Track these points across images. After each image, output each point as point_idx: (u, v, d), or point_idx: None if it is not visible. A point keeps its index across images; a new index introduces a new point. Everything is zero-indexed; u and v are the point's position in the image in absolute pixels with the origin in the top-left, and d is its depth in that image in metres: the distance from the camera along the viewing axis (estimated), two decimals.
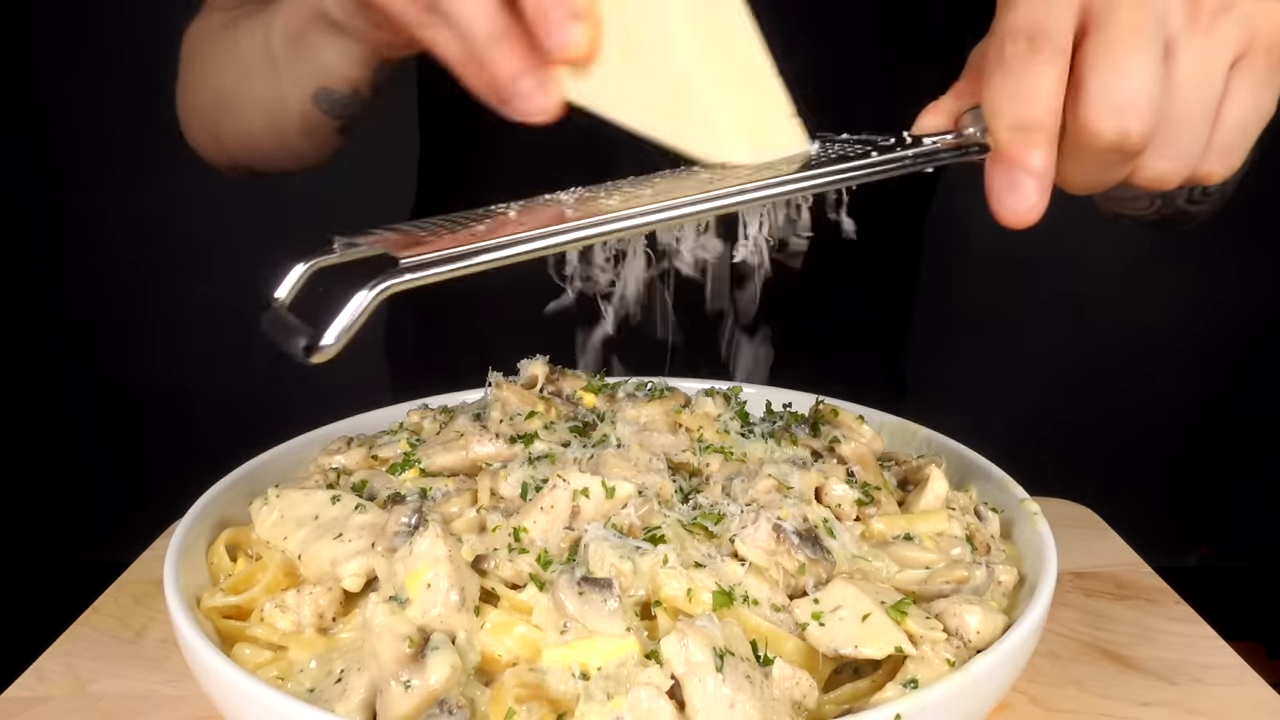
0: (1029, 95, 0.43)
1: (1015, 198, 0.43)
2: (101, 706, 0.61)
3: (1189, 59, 0.43)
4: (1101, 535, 0.83)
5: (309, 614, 0.53)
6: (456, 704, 0.44)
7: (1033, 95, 0.43)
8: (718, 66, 0.43)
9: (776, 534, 0.51)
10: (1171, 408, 2.60)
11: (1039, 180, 0.43)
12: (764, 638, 0.48)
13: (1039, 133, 0.43)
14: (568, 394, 0.71)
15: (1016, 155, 0.43)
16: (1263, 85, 0.45)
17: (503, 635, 0.48)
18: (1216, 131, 0.45)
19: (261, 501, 0.61)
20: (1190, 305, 2.49)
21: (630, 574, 0.49)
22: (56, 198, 2.44)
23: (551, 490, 0.53)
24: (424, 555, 0.49)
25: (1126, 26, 0.42)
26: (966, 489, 0.67)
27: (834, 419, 0.70)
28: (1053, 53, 0.43)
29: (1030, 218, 0.44)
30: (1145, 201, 0.80)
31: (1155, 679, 0.64)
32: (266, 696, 0.44)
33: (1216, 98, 0.44)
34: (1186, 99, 0.44)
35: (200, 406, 2.52)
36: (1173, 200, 0.79)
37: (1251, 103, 0.45)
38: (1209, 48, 0.43)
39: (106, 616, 0.71)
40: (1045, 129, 0.43)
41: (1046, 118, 0.43)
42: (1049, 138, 0.43)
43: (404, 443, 0.67)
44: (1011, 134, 0.43)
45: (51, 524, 2.64)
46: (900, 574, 0.56)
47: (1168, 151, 0.45)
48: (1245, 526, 2.68)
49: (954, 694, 0.45)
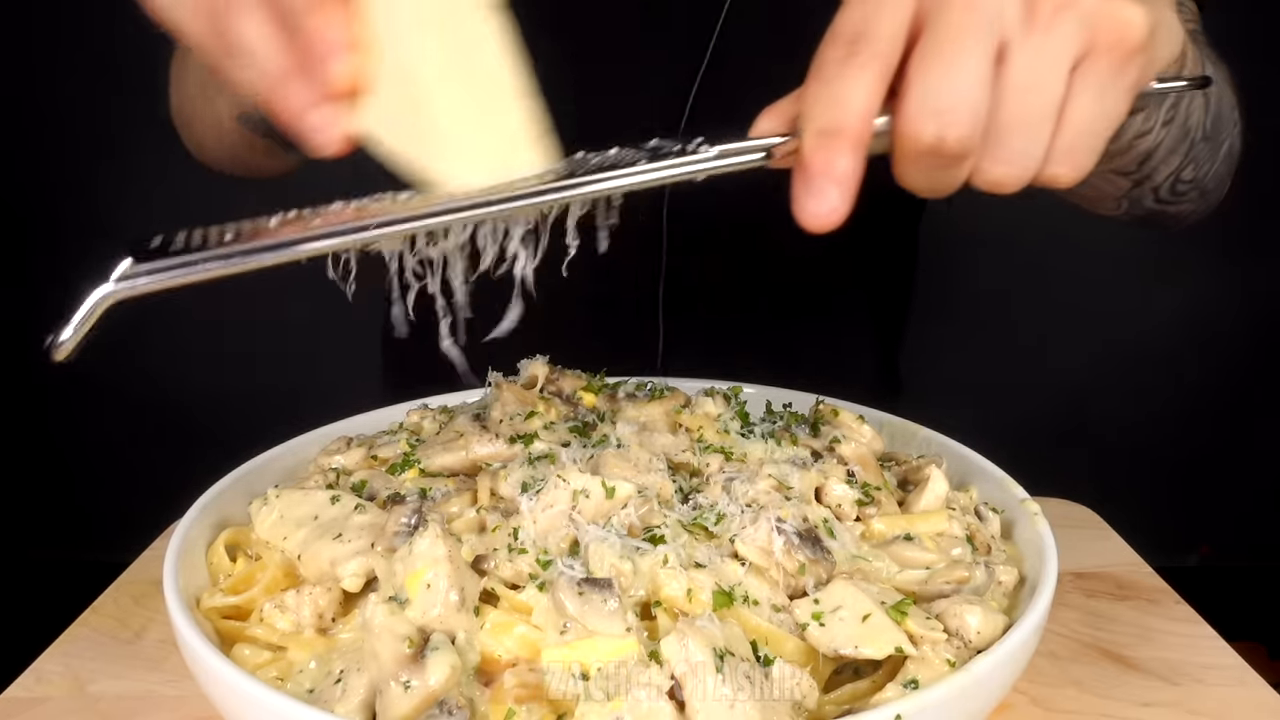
0: (837, 100, 0.42)
1: (814, 201, 0.43)
2: (100, 707, 0.61)
3: (1023, 62, 0.42)
4: (1101, 535, 0.83)
5: (309, 614, 0.53)
6: (456, 704, 0.44)
7: (842, 100, 0.42)
8: (459, 90, 0.44)
9: (776, 534, 0.51)
10: (1172, 408, 2.60)
11: (840, 186, 0.42)
12: (764, 638, 0.48)
13: (842, 138, 0.42)
14: (568, 394, 0.71)
15: (816, 160, 0.42)
16: (1107, 86, 0.44)
17: (502, 635, 0.48)
18: (1060, 134, 0.44)
19: (261, 501, 0.61)
20: (1191, 305, 2.49)
21: (630, 574, 0.49)
22: (56, 197, 2.44)
23: (551, 490, 0.53)
24: (424, 555, 0.49)
25: (954, 29, 0.41)
26: (966, 489, 0.67)
27: (834, 419, 0.70)
28: (870, 57, 0.42)
29: (830, 221, 0.43)
30: (1112, 203, 0.80)
31: (1156, 679, 0.64)
32: (266, 697, 0.44)
33: (1056, 100, 0.43)
34: (1020, 102, 0.43)
35: (200, 406, 2.52)
36: (1140, 201, 0.79)
37: (1096, 105, 0.44)
38: (1045, 50, 0.42)
39: (106, 617, 0.71)
40: (850, 134, 0.42)
41: (853, 123, 0.42)
42: (854, 143, 0.42)
43: (404, 443, 0.67)
44: (816, 139, 0.43)
45: (51, 524, 2.64)
46: (900, 574, 0.56)
47: (1002, 155, 0.44)
48: (1245, 526, 2.67)
49: (954, 694, 0.45)
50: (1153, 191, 0.77)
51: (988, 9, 0.41)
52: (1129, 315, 2.51)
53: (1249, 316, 2.53)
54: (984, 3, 0.41)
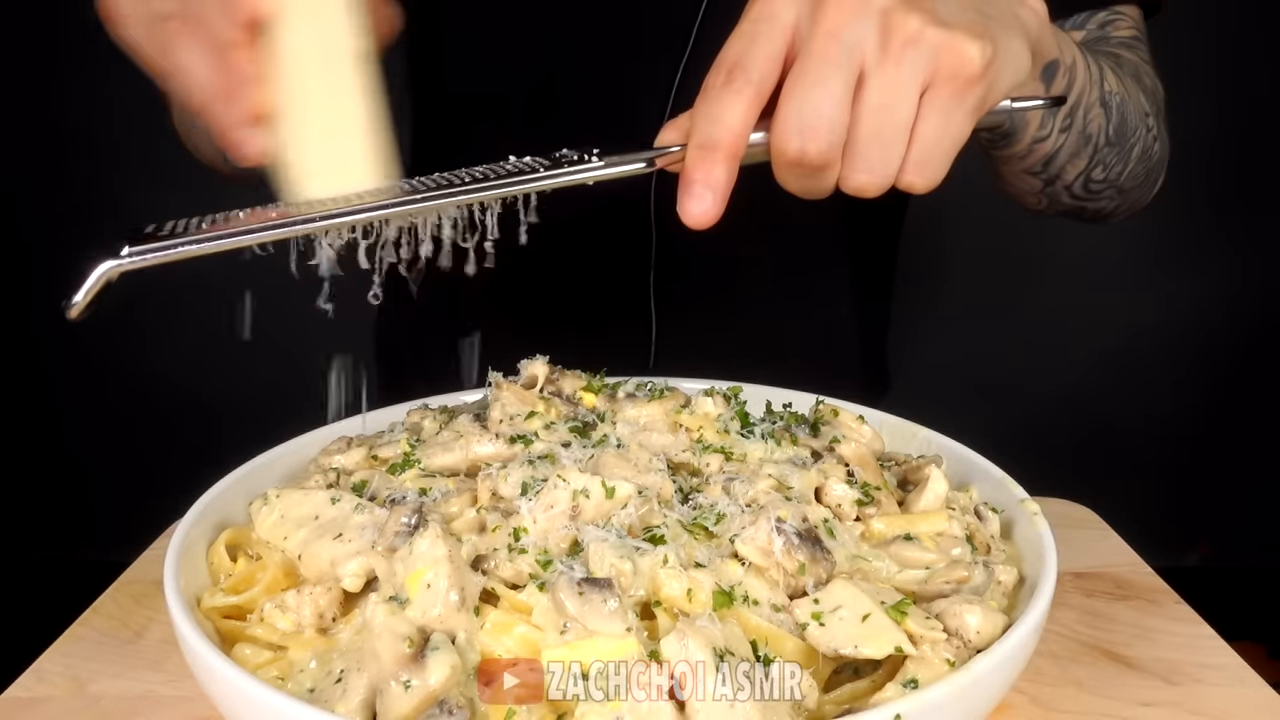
0: (715, 120, 0.50)
1: (691, 202, 0.51)
2: (101, 706, 0.61)
3: (877, 86, 0.49)
4: (1101, 535, 0.83)
5: (309, 614, 0.53)
6: (456, 704, 0.44)
7: (717, 120, 0.50)
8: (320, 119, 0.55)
9: (776, 534, 0.51)
10: (1172, 407, 2.60)
11: (714, 191, 0.50)
12: (764, 638, 0.48)
13: (717, 151, 0.50)
14: (568, 394, 0.71)
15: (695, 170, 0.50)
16: (949, 109, 0.51)
17: (503, 635, 0.48)
18: (911, 149, 0.51)
19: (261, 502, 0.61)
20: (1191, 305, 2.49)
21: (630, 574, 0.49)
22: (57, 197, 2.44)
23: (551, 490, 0.53)
24: (424, 555, 0.49)
25: (817, 58, 0.49)
26: (966, 489, 0.67)
27: (834, 419, 0.70)
28: (743, 84, 0.49)
29: (704, 220, 0.51)
30: (1033, 198, 0.89)
31: (1155, 679, 0.64)
32: (266, 696, 0.44)
33: (907, 120, 0.50)
34: (875, 121, 0.50)
35: (200, 407, 2.52)
36: (1057, 198, 0.87)
37: (941, 125, 0.51)
38: (897, 78, 0.49)
39: (106, 616, 0.71)
40: (724, 149, 0.50)
41: (727, 139, 0.50)
42: (727, 156, 0.50)
43: (404, 443, 0.67)
44: (696, 152, 0.50)
45: (51, 524, 2.64)
46: (900, 574, 0.56)
47: (862, 165, 0.51)
48: (1245, 526, 2.68)
49: (954, 694, 0.45)
50: (1066, 189, 0.86)
51: (847, 41, 0.49)
52: (1129, 315, 2.51)
53: (1249, 316, 2.53)
54: (844, 36, 0.49)
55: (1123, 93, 0.83)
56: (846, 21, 0.49)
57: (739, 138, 0.50)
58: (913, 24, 0.49)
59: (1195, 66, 2.26)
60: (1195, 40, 2.17)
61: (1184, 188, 2.38)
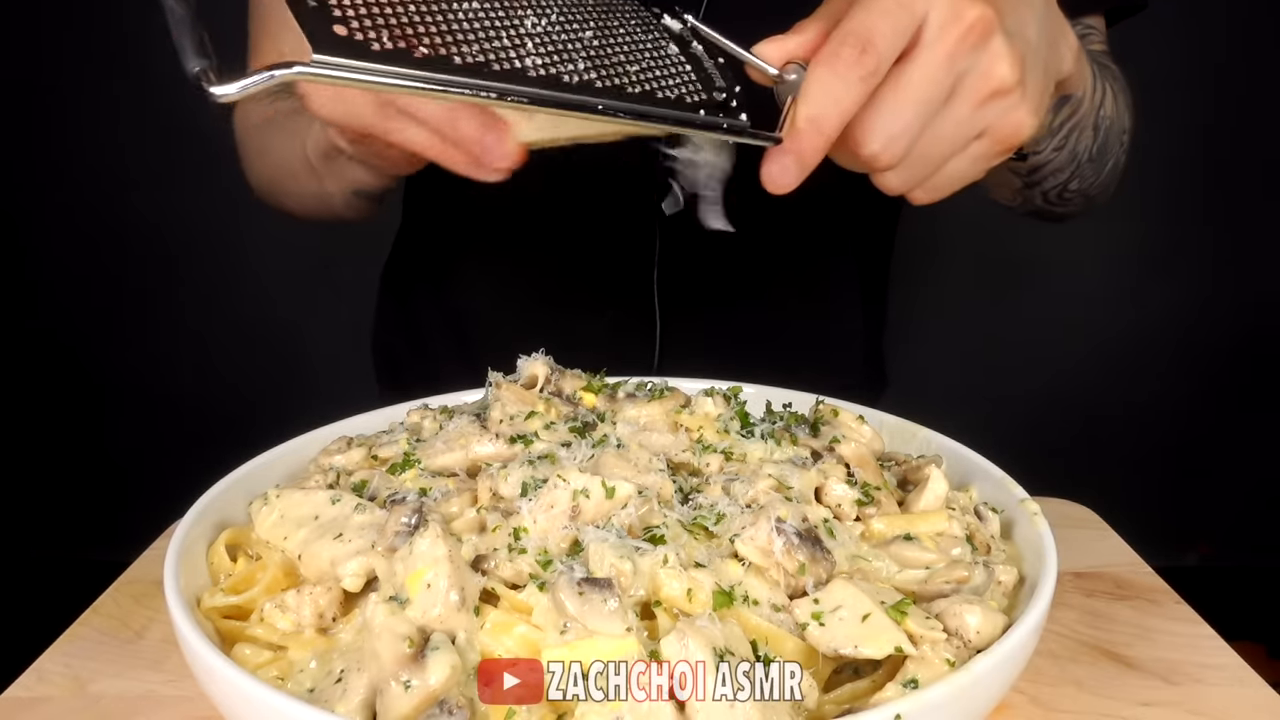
0: (836, 98, 0.50)
1: (780, 174, 0.52)
2: (101, 706, 0.61)
3: (952, 119, 0.53)
4: (1101, 535, 0.83)
5: (309, 614, 0.53)
6: (456, 704, 0.44)
7: (840, 99, 0.50)
8: None
9: (776, 534, 0.51)
10: (1172, 407, 2.60)
11: (805, 169, 0.51)
12: (764, 638, 0.48)
13: (824, 133, 0.50)
14: (568, 394, 0.71)
15: (799, 143, 0.51)
16: (982, 161, 0.56)
17: (503, 635, 0.48)
18: (937, 175, 0.55)
19: (261, 502, 0.61)
20: (1191, 305, 2.49)
21: (630, 574, 0.49)
22: (59, 198, 2.44)
23: (551, 490, 0.53)
24: (424, 555, 0.49)
25: (928, 78, 0.51)
26: (966, 489, 0.67)
27: (834, 419, 0.70)
28: (874, 70, 0.50)
29: (783, 190, 0.52)
30: (1009, 193, 0.92)
31: (1155, 679, 0.64)
32: (266, 696, 0.44)
33: (954, 154, 0.54)
34: (933, 146, 0.53)
35: (200, 407, 2.52)
36: (1030, 200, 0.91)
37: (969, 168, 0.56)
38: (970, 119, 0.53)
39: (106, 616, 0.71)
40: (831, 130, 0.51)
41: (837, 121, 0.50)
42: (829, 139, 0.51)
43: (404, 443, 0.67)
44: (807, 124, 0.50)
45: (51, 524, 2.64)
46: (900, 574, 0.56)
47: (904, 173, 0.54)
48: (1245, 526, 2.67)
49: (954, 694, 0.45)
50: (1042, 195, 0.90)
51: (956, 70, 0.51)
52: (1129, 314, 2.51)
53: (1249, 316, 2.53)
54: (957, 65, 0.51)
55: (1113, 116, 0.86)
56: (964, 51, 0.51)
57: (846, 120, 0.50)
58: (1009, 77, 0.52)
59: (1193, 67, 2.26)
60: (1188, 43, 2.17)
61: (1182, 186, 2.39)
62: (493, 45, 0.46)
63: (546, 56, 0.47)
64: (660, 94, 0.50)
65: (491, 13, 0.48)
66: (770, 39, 0.54)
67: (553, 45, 0.48)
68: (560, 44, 0.49)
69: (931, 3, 0.50)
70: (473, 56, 0.45)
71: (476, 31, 0.46)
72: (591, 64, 0.48)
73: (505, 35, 0.47)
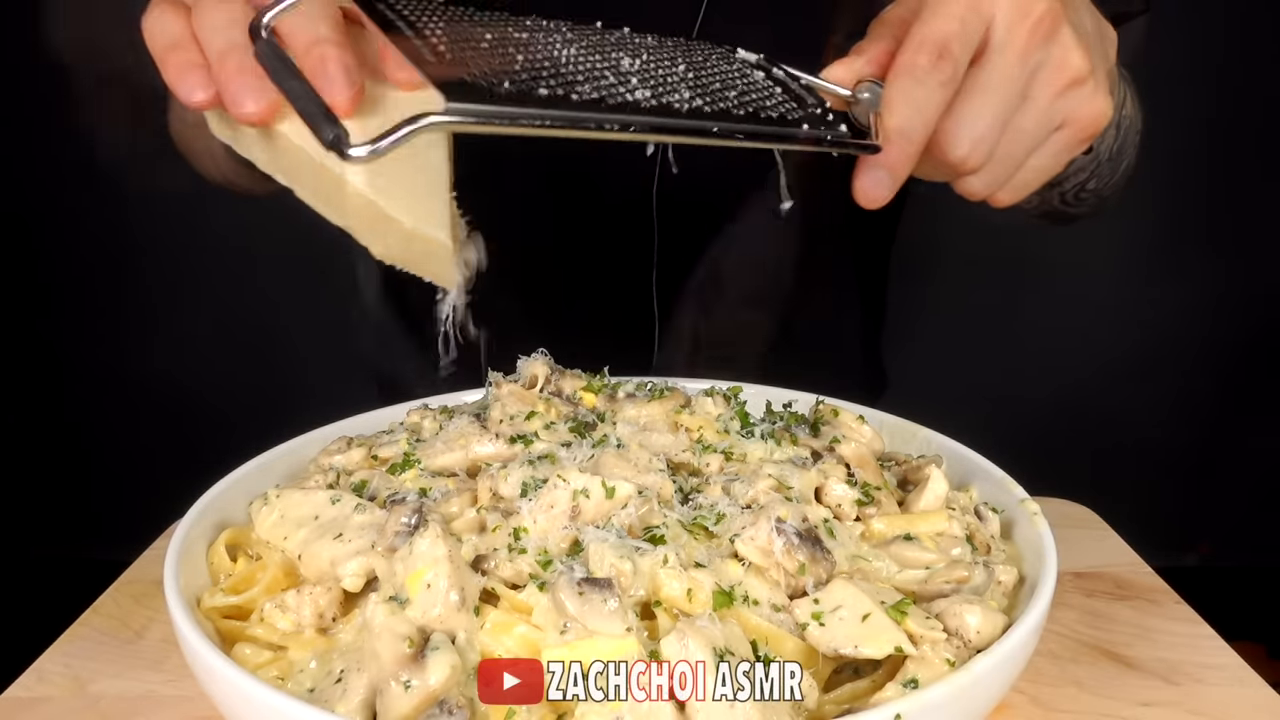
0: (920, 107, 0.50)
1: (874, 187, 0.52)
2: (101, 706, 0.61)
3: (1032, 114, 0.52)
4: (1101, 535, 0.83)
5: (309, 614, 0.53)
6: (456, 704, 0.44)
7: (923, 108, 0.50)
8: None
9: (776, 534, 0.51)
10: (1172, 407, 2.60)
11: (897, 181, 0.52)
12: (764, 638, 0.48)
13: (914, 145, 0.51)
14: (568, 394, 0.71)
15: (890, 155, 0.51)
16: (1064, 153, 0.55)
17: (503, 635, 0.48)
18: (1020, 173, 0.55)
19: (261, 502, 0.61)
20: (1191, 304, 2.49)
21: (630, 574, 0.49)
22: (59, 196, 2.44)
23: (551, 490, 0.53)
24: (424, 555, 0.49)
25: (1004, 75, 0.51)
26: (966, 489, 0.67)
27: (834, 419, 0.70)
28: (952, 76, 0.50)
29: (877, 204, 0.53)
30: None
31: (1155, 679, 0.64)
32: (266, 696, 0.44)
33: (1035, 150, 0.54)
34: (1016, 144, 0.53)
35: (201, 407, 2.52)
36: (1048, 200, 0.90)
37: (1051, 162, 0.55)
38: (1050, 111, 0.53)
39: (106, 616, 0.71)
40: (919, 140, 0.51)
41: (924, 131, 0.51)
42: (919, 147, 0.51)
43: (404, 443, 0.67)
44: (896, 136, 0.51)
45: (51, 523, 2.64)
46: (900, 574, 0.56)
47: (987, 177, 0.54)
48: (1245, 526, 2.67)
49: (954, 694, 0.45)
50: (1059, 195, 0.89)
51: (1030, 65, 0.51)
52: (1129, 314, 2.51)
53: (1249, 315, 2.53)
54: (1030, 59, 0.51)
55: (1132, 115, 0.86)
56: (1036, 45, 0.51)
57: (932, 127, 0.51)
58: (1082, 66, 0.52)
59: (1195, 67, 2.26)
60: (1192, 40, 2.17)
61: (1185, 188, 2.39)
62: (603, 83, 0.47)
63: (653, 89, 0.49)
64: (763, 114, 0.51)
65: (591, 56, 0.50)
66: (838, 62, 0.54)
67: (654, 79, 0.50)
68: (660, 78, 0.50)
69: (997, 2, 0.51)
70: (588, 95, 0.46)
71: (585, 72, 0.48)
72: (694, 93, 0.50)
73: (610, 74, 0.48)
